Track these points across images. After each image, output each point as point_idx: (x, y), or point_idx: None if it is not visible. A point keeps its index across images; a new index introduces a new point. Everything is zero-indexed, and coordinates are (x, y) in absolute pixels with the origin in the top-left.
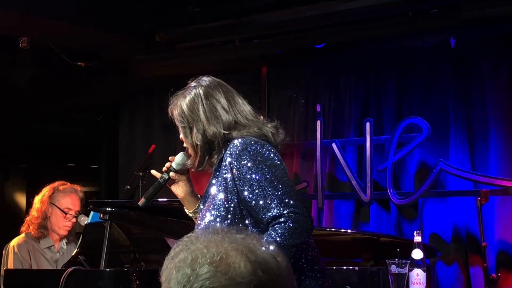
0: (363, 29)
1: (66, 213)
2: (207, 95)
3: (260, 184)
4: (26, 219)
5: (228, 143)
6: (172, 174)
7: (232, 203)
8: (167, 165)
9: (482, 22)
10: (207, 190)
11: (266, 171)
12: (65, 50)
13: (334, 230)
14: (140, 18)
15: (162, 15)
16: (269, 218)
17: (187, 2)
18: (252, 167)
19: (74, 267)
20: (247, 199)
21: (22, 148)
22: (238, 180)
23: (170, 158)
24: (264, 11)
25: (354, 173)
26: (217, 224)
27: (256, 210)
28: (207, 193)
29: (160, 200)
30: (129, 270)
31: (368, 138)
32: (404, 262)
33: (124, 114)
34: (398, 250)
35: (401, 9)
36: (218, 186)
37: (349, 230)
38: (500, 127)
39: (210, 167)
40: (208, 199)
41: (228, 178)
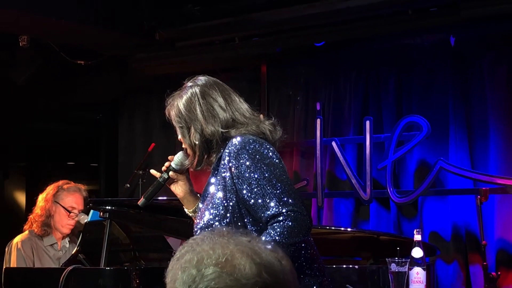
0: (363, 27)
1: (70, 211)
2: (204, 94)
3: (258, 182)
4: (30, 217)
5: (226, 142)
6: (171, 174)
7: (231, 202)
8: (166, 164)
9: (482, 20)
10: (206, 189)
11: (264, 170)
12: (64, 48)
13: (334, 228)
14: (139, 16)
15: (162, 13)
16: (268, 217)
17: (187, 1)
18: (250, 166)
19: (74, 266)
20: (246, 198)
21: (22, 146)
22: (237, 178)
23: (169, 157)
24: (263, 9)
25: (354, 171)
26: (216, 223)
27: (254, 209)
28: (206, 192)
29: (159, 198)
30: (129, 268)
31: (368, 137)
32: (404, 260)
33: (123, 112)
34: (398, 248)
35: (400, 7)
36: (217, 185)
37: (349, 229)
38: (500, 126)
39: (209, 166)
40: (207, 198)
41: (226, 177)
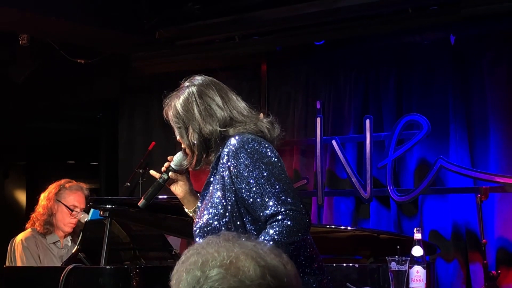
0: (363, 26)
1: (72, 210)
2: (201, 94)
3: (257, 182)
4: (32, 216)
5: (225, 141)
6: (171, 174)
7: (230, 201)
8: (166, 165)
9: (482, 19)
10: (205, 188)
11: (263, 169)
12: (64, 47)
13: (334, 227)
14: (140, 15)
15: (162, 12)
16: (266, 216)
17: (187, 0)
18: (249, 165)
19: (74, 264)
20: (245, 197)
21: (22, 145)
22: (236, 178)
23: (169, 158)
24: (263, 8)
25: (354, 170)
26: (215, 222)
27: (253, 208)
28: (205, 191)
29: (159, 197)
30: (129, 267)
31: (368, 135)
32: (404, 259)
33: (123, 111)
34: (398, 247)
35: (401, 5)
36: (216, 184)
37: (349, 227)
38: (500, 124)
39: (208, 165)
40: (206, 197)
41: (225, 176)
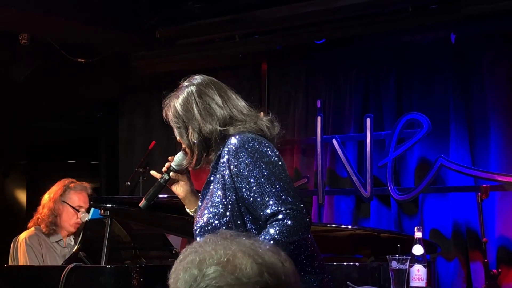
0: (363, 25)
1: (78, 210)
2: (200, 93)
3: (257, 181)
4: (35, 216)
5: (225, 140)
6: (172, 174)
7: (230, 200)
8: (167, 165)
9: (482, 18)
10: (205, 188)
11: (263, 168)
12: (65, 46)
13: (334, 226)
14: (140, 14)
15: (162, 11)
16: (267, 215)
17: None
18: (249, 164)
19: (75, 264)
20: (245, 196)
21: (22, 144)
22: (236, 177)
23: (170, 158)
24: (264, 7)
25: (355, 169)
26: (215, 221)
27: (254, 207)
28: (205, 190)
29: (160, 196)
30: (129, 266)
31: (368, 134)
32: (404, 258)
33: (124, 110)
34: (399, 246)
35: (401, 4)
36: (216, 183)
37: (349, 226)
38: (500, 123)
39: (208, 165)
40: (206, 197)
41: (226, 175)
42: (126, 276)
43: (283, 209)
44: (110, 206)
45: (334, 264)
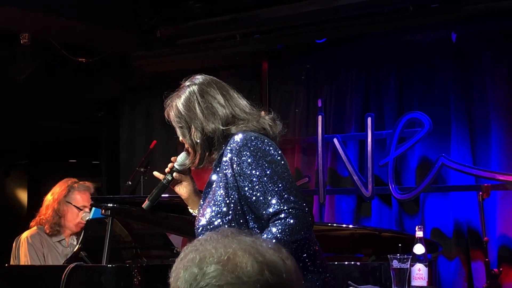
0: (364, 24)
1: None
2: (202, 92)
3: (260, 180)
4: (38, 216)
5: (227, 139)
6: (175, 175)
7: (232, 199)
8: (170, 166)
9: (483, 17)
10: (207, 187)
11: (266, 167)
12: (65, 46)
13: (335, 225)
14: (140, 14)
15: (163, 11)
16: (269, 214)
17: None
18: (252, 163)
19: (76, 263)
20: (248, 195)
21: (23, 144)
22: (239, 176)
23: (172, 158)
24: (264, 7)
25: (356, 168)
26: (218, 220)
27: (256, 206)
28: (207, 189)
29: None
30: (130, 265)
31: (369, 133)
32: (405, 257)
33: (124, 110)
34: (400, 245)
35: (401, 4)
36: (219, 182)
37: (350, 225)
38: (501, 122)
39: (210, 164)
40: (208, 195)
41: (228, 174)
42: (127, 275)
43: (286, 208)
44: (111, 205)
45: (335, 263)
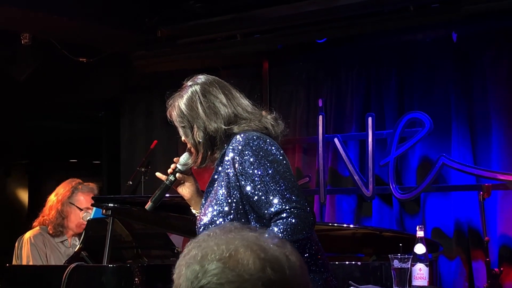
0: (364, 24)
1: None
2: (204, 92)
3: (262, 179)
4: (41, 216)
5: (230, 138)
6: (178, 175)
7: (234, 199)
8: (172, 166)
9: (483, 17)
10: (209, 186)
11: (268, 166)
12: (66, 45)
13: (336, 225)
14: (141, 14)
15: (163, 11)
16: (271, 214)
17: None
18: (254, 162)
19: (77, 263)
20: (249, 194)
21: (24, 144)
22: (241, 175)
23: (175, 159)
24: (265, 6)
25: (356, 168)
26: (219, 219)
27: (258, 206)
28: (209, 188)
29: None
30: (131, 265)
31: (370, 133)
32: (406, 257)
33: (125, 110)
34: (401, 245)
35: (402, 3)
36: (221, 181)
37: (351, 225)
38: (502, 121)
39: (212, 163)
40: (210, 195)
41: (230, 173)
42: (128, 275)
43: (287, 207)
44: (112, 205)
45: (336, 263)
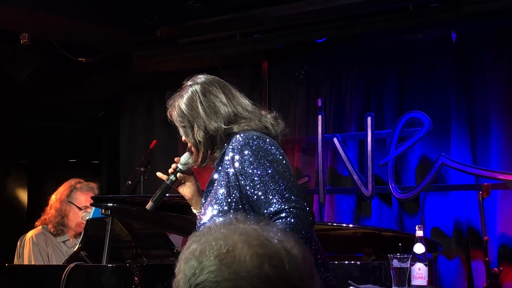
0: (364, 23)
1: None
2: (205, 91)
3: (261, 179)
4: (43, 216)
5: (230, 137)
6: (179, 175)
7: (234, 198)
8: (173, 166)
9: (483, 16)
10: (209, 185)
11: (267, 166)
12: (65, 45)
13: (335, 224)
14: (140, 13)
15: (163, 10)
16: (270, 213)
17: None
18: (253, 162)
19: (76, 263)
20: (249, 194)
21: (23, 143)
22: (240, 174)
23: (176, 159)
24: (264, 6)
25: (356, 167)
26: (219, 219)
27: (257, 205)
28: (209, 187)
29: None
30: (131, 265)
31: (369, 133)
32: (405, 256)
33: (125, 110)
34: (400, 244)
35: (401, 3)
36: (220, 180)
37: (350, 225)
38: (501, 121)
39: (213, 162)
40: (210, 194)
41: (230, 172)
42: (127, 275)
43: (287, 207)
44: (111, 205)
45: (335, 262)
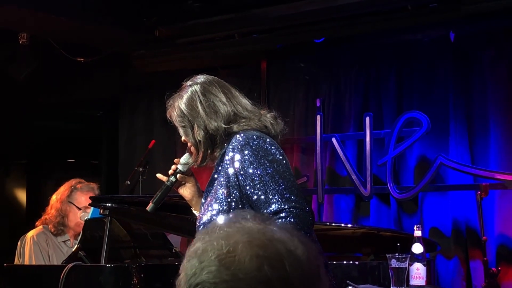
0: (363, 23)
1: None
2: (204, 91)
3: (261, 179)
4: (44, 215)
5: (229, 137)
6: (179, 176)
7: (234, 198)
8: (173, 167)
9: (482, 16)
10: (209, 185)
11: (267, 166)
12: (64, 45)
13: (334, 224)
14: (139, 13)
15: (162, 10)
16: (270, 213)
17: None
18: (253, 162)
19: (75, 263)
20: (249, 194)
21: (22, 143)
22: (240, 174)
23: (176, 160)
24: (263, 6)
25: (354, 167)
26: (218, 219)
27: (257, 205)
28: (209, 187)
29: None
30: (129, 265)
31: (368, 133)
32: (404, 256)
33: (124, 110)
34: (398, 244)
35: (400, 3)
36: (220, 180)
37: (349, 225)
38: (500, 121)
39: (213, 162)
40: (210, 194)
41: (230, 172)
42: (125, 275)
43: (286, 207)
44: (109, 205)
45: (334, 262)
